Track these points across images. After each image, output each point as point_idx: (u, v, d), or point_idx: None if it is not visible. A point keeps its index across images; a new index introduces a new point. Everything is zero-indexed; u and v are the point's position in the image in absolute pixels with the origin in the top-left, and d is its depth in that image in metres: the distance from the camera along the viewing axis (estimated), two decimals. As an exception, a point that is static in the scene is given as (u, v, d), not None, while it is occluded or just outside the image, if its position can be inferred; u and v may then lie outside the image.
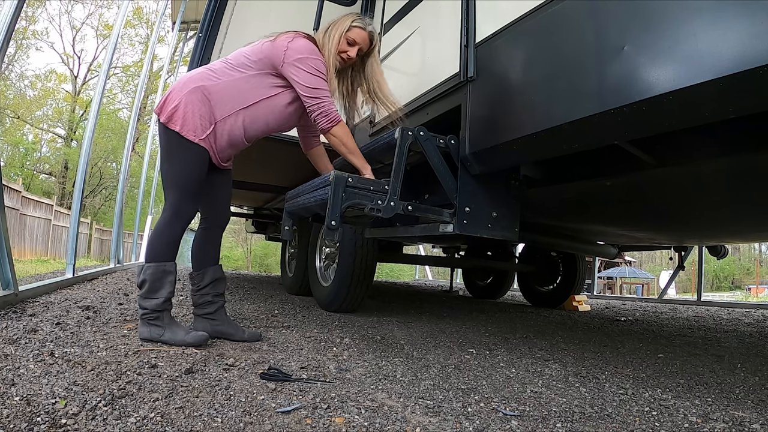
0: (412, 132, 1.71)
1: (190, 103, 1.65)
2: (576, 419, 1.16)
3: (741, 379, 1.69)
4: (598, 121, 1.21)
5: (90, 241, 15.38)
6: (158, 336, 1.61)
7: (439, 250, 5.84)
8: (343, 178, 1.63)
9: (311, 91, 1.70)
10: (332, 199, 1.60)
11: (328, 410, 1.11)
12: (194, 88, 1.67)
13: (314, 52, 1.74)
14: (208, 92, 1.67)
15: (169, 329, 1.62)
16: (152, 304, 1.62)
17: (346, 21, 1.83)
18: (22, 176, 17.39)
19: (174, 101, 1.66)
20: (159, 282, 1.63)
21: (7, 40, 2.00)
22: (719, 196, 2.04)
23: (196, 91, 1.66)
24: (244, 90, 1.70)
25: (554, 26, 1.39)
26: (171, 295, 1.68)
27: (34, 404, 0.99)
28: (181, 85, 1.68)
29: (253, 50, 1.74)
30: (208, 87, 1.67)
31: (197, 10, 6.60)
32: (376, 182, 1.70)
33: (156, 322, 1.62)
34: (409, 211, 1.73)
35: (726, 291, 21.98)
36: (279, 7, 3.04)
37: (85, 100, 20.13)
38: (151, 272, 1.63)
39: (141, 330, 1.64)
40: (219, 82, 1.69)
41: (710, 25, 1.01)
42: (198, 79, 1.69)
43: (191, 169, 1.67)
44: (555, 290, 4.24)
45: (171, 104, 1.66)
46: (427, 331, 2.39)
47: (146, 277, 1.63)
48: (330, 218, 1.60)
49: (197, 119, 1.65)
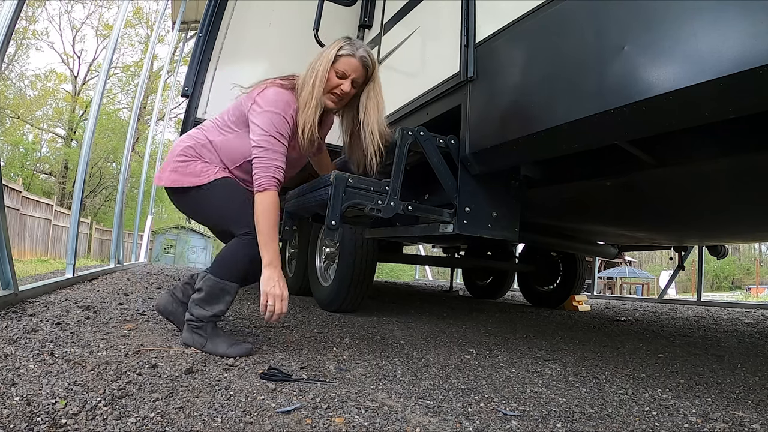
0: (412, 132, 1.71)
1: (189, 157, 1.61)
2: (576, 419, 1.16)
3: (741, 379, 1.69)
4: (598, 121, 1.21)
5: (90, 241, 15.40)
6: (200, 346, 1.55)
7: (439, 250, 5.84)
8: (343, 178, 1.62)
9: (257, 147, 1.54)
10: (332, 199, 1.59)
11: (328, 410, 1.11)
12: (187, 146, 1.63)
13: (280, 105, 1.56)
14: (209, 144, 1.64)
15: (211, 340, 1.55)
16: (199, 314, 1.55)
17: (330, 51, 1.61)
18: (22, 176, 17.40)
19: (170, 165, 1.61)
20: (215, 298, 1.56)
21: (7, 40, 2.00)
22: (719, 196, 2.05)
23: (192, 147, 1.63)
24: (241, 147, 1.64)
25: (554, 26, 1.39)
26: (222, 313, 1.59)
27: (34, 404, 0.99)
28: (175, 149, 1.64)
29: (234, 110, 1.67)
30: (206, 141, 1.64)
31: (197, 10, 6.60)
32: (376, 182, 1.68)
33: (199, 331, 1.56)
34: (409, 211, 1.72)
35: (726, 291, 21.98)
36: (279, 7, 3.05)
37: (85, 100, 20.14)
38: (210, 285, 1.55)
39: (185, 335, 1.58)
40: (216, 138, 1.65)
41: (710, 25, 1.01)
42: (190, 137, 1.66)
43: (231, 197, 1.59)
44: (555, 290, 4.24)
45: (168, 168, 1.61)
46: (427, 331, 2.39)
47: (204, 288, 1.55)
48: (330, 218, 1.59)
49: (202, 165, 1.61)
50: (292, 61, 3.05)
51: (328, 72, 1.60)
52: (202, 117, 2.76)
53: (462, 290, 5.98)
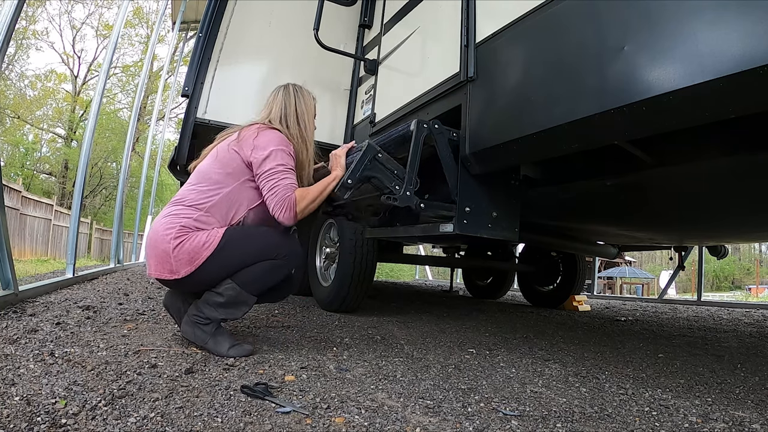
0: (428, 125, 1.73)
1: (187, 234, 1.52)
2: (576, 419, 1.16)
3: (741, 379, 1.69)
4: (598, 121, 1.21)
5: (90, 241, 15.40)
6: (202, 342, 1.55)
7: (439, 250, 5.84)
8: (375, 149, 1.69)
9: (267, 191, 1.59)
10: (358, 161, 1.65)
11: (328, 410, 1.11)
12: (180, 227, 1.52)
13: (280, 141, 1.65)
14: (199, 214, 1.55)
15: (214, 338, 1.54)
16: (211, 314, 1.55)
17: (310, 99, 1.81)
18: (22, 176, 17.42)
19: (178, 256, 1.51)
20: (233, 306, 1.56)
21: (7, 40, 2.00)
22: (719, 196, 2.05)
23: (185, 227, 1.52)
24: (237, 201, 1.61)
25: (554, 26, 1.39)
26: (233, 319, 1.63)
27: (34, 404, 0.99)
28: (167, 236, 1.52)
29: (222, 163, 1.63)
30: (194, 212, 1.55)
31: (197, 10, 6.61)
32: (400, 168, 1.72)
33: (203, 328, 1.55)
34: (422, 208, 1.75)
35: (726, 291, 22.00)
36: (279, 7, 3.05)
37: (85, 100, 20.15)
38: (232, 295, 1.54)
39: (186, 329, 1.57)
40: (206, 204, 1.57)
41: (710, 25, 1.01)
42: (176, 217, 1.54)
43: (247, 239, 1.56)
44: (555, 290, 4.24)
45: (178, 259, 1.50)
46: (427, 331, 2.39)
47: (226, 295, 1.54)
48: (348, 176, 1.63)
49: (203, 233, 1.53)
50: (292, 61, 3.06)
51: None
52: (202, 117, 2.76)
53: (462, 290, 5.98)
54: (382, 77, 2.62)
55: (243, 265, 1.54)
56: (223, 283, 1.54)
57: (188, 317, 1.58)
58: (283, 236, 1.64)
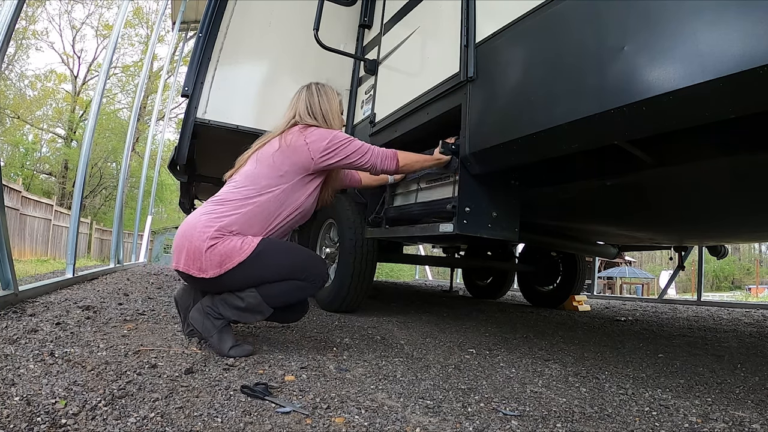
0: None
1: (222, 238, 1.52)
2: (576, 419, 1.16)
3: (741, 379, 1.70)
4: (598, 121, 1.21)
5: (90, 241, 15.40)
6: (208, 333, 1.55)
7: (439, 250, 5.84)
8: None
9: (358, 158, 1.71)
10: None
11: (328, 410, 1.11)
12: (216, 230, 1.52)
13: (329, 133, 1.71)
14: (237, 222, 1.56)
15: (219, 334, 1.55)
16: (225, 313, 1.56)
17: (334, 96, 1.83)
18: (22, 176, 17.41)
19: (209, 257, 1.50)
20: (250, 312, 1.57)
21: (7, 40, 2.00)
22: (719, 196, 2.05)
23: (220, 229, 1.53)
24: (284, 202, 1.64)
25: (554, 26, 1.39)
26: (240, 323, 1.65)
27: (34, 404, 0.99)
28: (203, 234, 1.52)
29: (272, 167, 1.64)
30: (233, 216, 1.56)
31: (197, 10, 6.60)
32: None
33: (214, 321, 1.56)
34: None
35: (726, 291, 22.00)
36: (279, 7, 3.05)
37: (85, 100, 20.15)
38: (252, 303, 1.55)
39: (195, 316, 1.57)
40: (244, 210, 1.58)
41: (710, 25, 1.01)
42: (213, 217, 1.55)
43: (278, 254, 1.57)
44: (555, 290, 4.24)
45: (204, 255, 1.50)
46: (427, 331, 2.39)
47: (246, 301, 1.55)
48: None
49: (238, 238, 1.54)
50: (292, 61, 3.06)
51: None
52: (202, 117, 2.76)
53: (462, 290, 5.98)
54: (382, 77, 2.62)
55: (270, 280, 1.55)
56: (246, 290, 1.55)
57: (201, 306, 1.59)
58: (313, 256, 1.66)
